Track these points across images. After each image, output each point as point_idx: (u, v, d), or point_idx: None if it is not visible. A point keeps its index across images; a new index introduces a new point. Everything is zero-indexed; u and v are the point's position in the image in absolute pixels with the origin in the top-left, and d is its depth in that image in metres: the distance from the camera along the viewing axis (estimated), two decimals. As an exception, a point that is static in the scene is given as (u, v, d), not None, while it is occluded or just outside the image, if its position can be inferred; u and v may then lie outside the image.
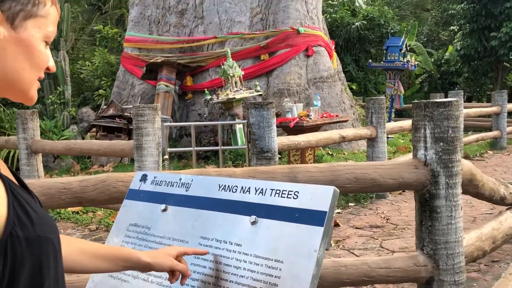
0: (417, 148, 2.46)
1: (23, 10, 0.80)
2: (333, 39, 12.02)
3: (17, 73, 0.81)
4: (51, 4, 0.86)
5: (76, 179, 2.25)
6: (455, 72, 17.40)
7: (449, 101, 2.40)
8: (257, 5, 8.82)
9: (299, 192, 1.26)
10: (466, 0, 15.61)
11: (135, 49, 9.45)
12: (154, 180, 1.61)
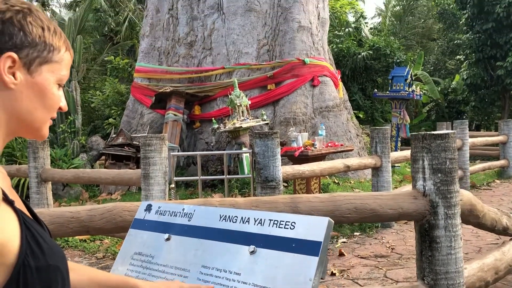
0: (416, 179, 2.52)
1: (39, 57, 0.88)
2: (340, 69, 12.21)
3: (31, 114, 0.89)
4: (65, 49, 0.94)
5: (84, 208, 2.33)
6: (462, 101, 17.47)
7: (446, 133, 2.47)
8: (264, 37, 9.03)
9: (296, 223, 1.31)
10: (472, 30, 15.81)
11: (145, 79, 9.66)
12: (158, 210, 1.68)
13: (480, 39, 15.37)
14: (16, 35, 0.84)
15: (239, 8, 8.93)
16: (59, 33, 0.92)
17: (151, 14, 9.87)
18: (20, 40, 0.85)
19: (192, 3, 9.39)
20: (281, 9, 9.04)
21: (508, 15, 14.22)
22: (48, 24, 0.90)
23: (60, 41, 0.92)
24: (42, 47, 0.88)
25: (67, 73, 0.95)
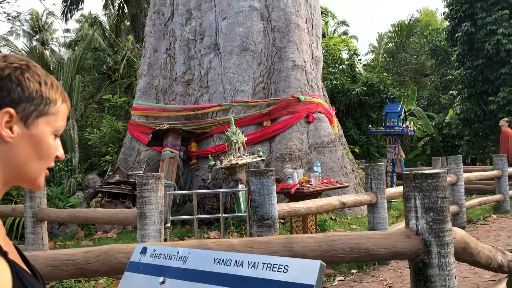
0: (409, 218, 2.55)
1: (36, 110, 0.92)
2: (334, 105, 12.37)
3: (27, 165, 0.92)
4: (62, 101, 0.98)
5: (80, 250, 2.34)
6: (457, 135, 17.64)
7: (437, 172, 2.52)
8: (260, 75, 9.21)
9: (289, 266, 1.34)
10: (463, 66, 16.15)
11: (142, 117, 9.77)
12: (153, 253, 1.70)
13: (471, 74, 15.68)
14: (14, 90, 0.89)
15: (235, 48, 9.15)
16: (56, 86, 0.96)
17: (149, 54, 10.08)
18: (17, 95, 0.89)
19: (189, 43, 9.61)
20: (276, 48, 9.26)
21: (497, 51, 14.57)
22: (45, 79, 0.94)
23: (56, 93, 0.96)
24: (39, 101, 0.92)
25: (64, 124, 0.99)
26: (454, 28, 16.11)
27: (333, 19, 29.00)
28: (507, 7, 14.77)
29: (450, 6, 16.36)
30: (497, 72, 14.89)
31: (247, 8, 9.21)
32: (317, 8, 10.41)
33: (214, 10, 9.50)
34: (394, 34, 22.97)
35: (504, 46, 14.21)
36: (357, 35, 33.31)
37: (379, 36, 29.75)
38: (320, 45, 10.48)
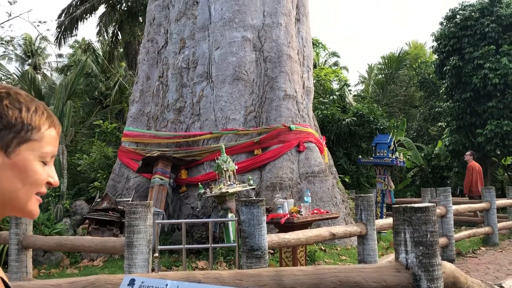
0: (398, 251, 2.55)
1: (16, 137, 0.89)
2: (325, 134, 12.47)
3: (13, 193, 0.89)
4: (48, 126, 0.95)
5: (66, 281, 2.29)
6: (446, 166, 17.79)
7: (426, 206, 2.54)
8: (251, 104, 9.28)
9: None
10: (451, 99, 16.43)
11: (132, 143, 9.74)
12: (142, 285, 1.67)
13: (459, 107, 15.94)
14: None
15: (228, 77, 9.24)
16: (41, 112, 0.93)
17: (141, 81, 10.14)
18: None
19: (182, 71, 9.70)
20: (267, 78, 9.37)
21: (484, 85, 14.87)
22: (28, 105, 0.91)
23: (41, 119, 0.93)
24: (19, 127, 0.88)
25: (52, 149, 0.95)
26: (443, 62, 16.46)
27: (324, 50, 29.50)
28: (493, 43, 15.17)
29: (439, 40, 16.76)
30: (485, 105, 15.16)
31: (240, 38, 9.35)
32: (308, 40, 10.61)
33: (207, 40, 9.63)
34: (384, 66, 23.39)
35: (491, 80, 14.52)
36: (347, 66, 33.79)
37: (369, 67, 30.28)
38: (311, 76, 10.63)
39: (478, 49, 15.21)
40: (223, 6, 9.53)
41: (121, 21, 18.25)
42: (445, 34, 16.31)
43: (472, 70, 15.18)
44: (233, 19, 9.45)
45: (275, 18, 9.63)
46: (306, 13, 10.57)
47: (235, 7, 9.46)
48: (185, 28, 9.82)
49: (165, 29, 10.18)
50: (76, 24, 18.03)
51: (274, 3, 9.68)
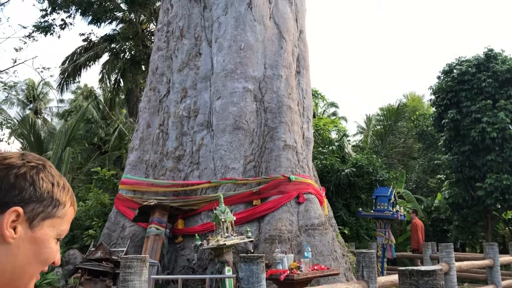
0: (406, 318, 2.42)
1: (44, 212, 0.89)
2: (324, 185, 12.37)
3: (23, 269, 0.87)
4: (70, 205, 0.96)
5: None
6: (446, 219, 17.59)
7: (433, 270, 2.43)
8: (251, 153, 9.25)
9: None
10: (450, 152, 16.47)
11: (129, 191, 9.63)
12: None
13: (458, 160, 15.95)
14: (26, 189, 0.87)
15: (228, 126, 9.27)
16: (67, 189, 0.96)
17: (142, 129, 10.16)
18: (29, 194, 0.87)
19: (182, 120, 9.74)
20: (267, 128, 9.40)
21: (482, 139, 14.95)
22: (58, 180, 0.94)
23: (66, 196, 0.95)
24: (48, 202, 0.90)
25: (67, 228, 0.97)
26: (441, 115, 16.63)
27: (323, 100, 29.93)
28: (489, 97, 15.40)
29: (436, 94, 17.01)
30: (484, 159, 15.18)
31: (241, 89, 9.46)
32: (308, 91, 10.75)
33: (209, 90, 9.74)
34: (382, 117, 23.62)
35: (489, 134, 14.61)
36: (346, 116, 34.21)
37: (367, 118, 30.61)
38: (311, 126, 10.68)
39: (475, 103, 15.41)
40: (225, 58, 9.71)
41: (123, 69, 18.57)
42: (443, 88, 16.58)
43: (470, 123, 15.32)
44: (235, 70, 9.60)
45: (276, 70, 9.79)
46: (306, 66, 10.76)
47: (237, 59, 9.63)
48: (187, 78, 9.96)
49: (167, 79, 10.32)
50: (79, 71, 18.34)
51: (275, 56, 9.87)
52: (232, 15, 9.94)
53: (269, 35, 10.07)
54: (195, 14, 10.36)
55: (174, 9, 10.61)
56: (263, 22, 10.06)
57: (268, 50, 9.96)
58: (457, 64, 16.84)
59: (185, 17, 10.37)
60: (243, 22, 9.87)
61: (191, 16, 10.34)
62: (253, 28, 9.91)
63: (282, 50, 10.05)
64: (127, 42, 17.03)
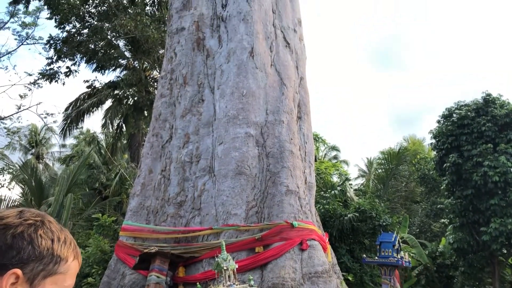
0: None
1: (44, 270, 0.86)
2: (327, 230, 12.22)
3: None
4: (73, 258, 0.92)
5: None
6: (451, 265, 17.25)
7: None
8: (253, 199, 9.20)
9: None
10: (453, 196, 16.37)
11: (130, 238, 9.50)
12: None
13: (461, 204, 15.83)
14: (24, 249, 0.85)
15: (230, 171, 9.26)
16: (69, 242, 0.94)
17: (143, 175, 10.15)
18: (27, 254, 0.85)
19: (184, 166, 9.74)
20: (270, 173, 9.39)
21: (485, 183, 14.90)
22: (59, 235, 0.91)
23: (68, 250, 0.93)
24: (49, 259, 0.88)
25: (72, 283, 0.94)
26: (442, 159, 16.66)
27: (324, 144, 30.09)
28: (490, 141, 15.48)
29: (437, 138, 17.11)
30: (487, 203, 15.06)
31: (243, 134, 9.52)
32: (309, 136, 10.81)
33: (211, 135, 9.81)
34: (383, 161, 23.66)
35: (491, 178, 14.58)
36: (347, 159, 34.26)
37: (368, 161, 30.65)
38: (313, 171, 10.67)
39: (476, 147, 15.47)
40: (227, 104, 9.83)
41: (126, 115, 18.80)
42: (443, 132, 16.69)
43: (472, 167, 15.31)
44: (237, 116, 9.70)
45: (277, 116, 9.89)
46: (307, 112, 10.89)
47: (239, 105, 9.75)
48: (190, 124, 10.05)
49: (170, 125, 10.41)
50: (82, 117, 18.56)
51: (277, 102, 10.01)
52: (235, 63, 10.15)
53: (271, 82, 10.26)
54: (198, 62, 10.58)
55: (177, 58, 10.85)
56: (265, 69, 10.26)
57: (270, 96, 10.12)
58: (456, 108, 17.04)
59: (188, 65, 10.59)
60: (245, 70, 10.08)
61: (194, 64, 10.57)
62: (255, 75, 10.10)
63: (284, 96, 10.21)
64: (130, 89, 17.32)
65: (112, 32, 15.91)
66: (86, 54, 15.86)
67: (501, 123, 15.62)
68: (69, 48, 15.67)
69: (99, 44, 16.45)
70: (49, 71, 15.75)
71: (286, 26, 11.14)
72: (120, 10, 15.27)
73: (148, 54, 16.20)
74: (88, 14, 16.23)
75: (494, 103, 16.11)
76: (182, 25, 11.01)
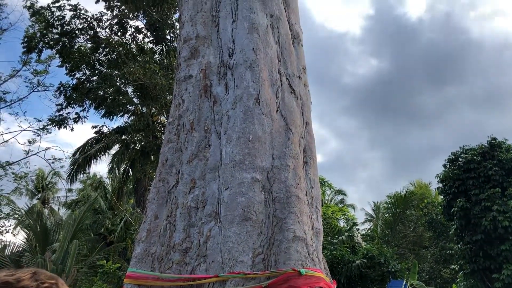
0: None
1: None
2: (334, 277, 11.98)
3: None
4: None
5: None
6: (464, 314, 16.73)
7: None
8: (259, 245, 9.08)
9: None
10: (462, 241, 16.11)
11: (135, 286, 9.34)
12: None
13: (471, 250, 15.55)
14: None
15: (236, 217, 9.20)
16: None
17: (149, 220, 10.09)
18: None
19: (190, 211, 9.69)
20: (276, 219, 9.31)
21: (495, 228, 14.68)
22: None
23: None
24: None
25: None
26: (450, 203, 16.52)
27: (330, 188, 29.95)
28: (498, 185, 15.37)
29: (444, 182, 17.03)
30: (498, 249, 14.79)
31: (249, 179, 9.53)
32: (316, 181, 10.78)
33: (217, 180, 9.82)
34: (390, 205, 23.45)
35: (501, 223, 14.38)
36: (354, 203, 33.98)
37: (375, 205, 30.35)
38: (320, 217, 10.55)
39: (484, 191, 15.36)
40: (234, 149, 9.90)
41: (133, 159, 18.93)
42: (450, 176, 16.63)
43: (480, 212, 15.14)
44: (243, 161, 9.74)
45: (283, 161, 9.92)
46: (313, 156, 10.91)
47: (246, 150, 9.82)
48: (196, 169, 10.09)
49: (176, 170, 10.45)
50: (90, 162, 18.70)
51: (283, 147, 10.07)
52: (241, 109, 10.31)
53: (277, 127, 10.37)
54: (205, 108, 10.75)
55: (185, 104, 11.03)
56: (271, 115, 10.40)
57: (276, 142, 10.20)
58: (462, 152, 17.06)
59: (195, 111, 10.75)
60: (251, 115, 10.21)
61: (201, 110, 10.73)
62: (261, 120, 10.22)
63: (289, 141, 10.28)
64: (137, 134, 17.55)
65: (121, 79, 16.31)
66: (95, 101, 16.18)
67: (508, 167, 15.57)
68: (78, 94, 16.02)
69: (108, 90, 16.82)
70: (58, 117, 16.04)
71: (291, 73, 11.37)
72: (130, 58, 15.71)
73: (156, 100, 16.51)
74: (98, 62, 16.68)
75: (500, 147, 16.12)
76: (190, 73, 11.27)
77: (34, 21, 15.88)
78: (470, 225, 15.66)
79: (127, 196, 20.71)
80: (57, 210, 27.99)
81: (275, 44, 10.77)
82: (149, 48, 17.32)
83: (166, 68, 16.45)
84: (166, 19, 16.89)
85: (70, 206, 21.84)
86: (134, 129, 17.24)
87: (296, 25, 11.50)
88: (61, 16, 15.98)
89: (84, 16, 16.04)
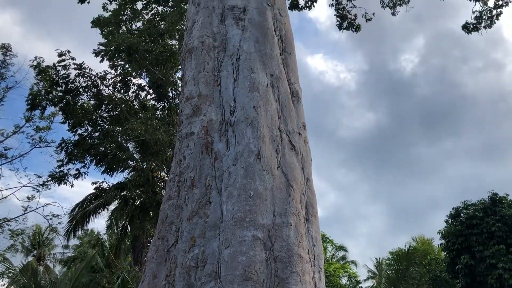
0: None
1: None
2: None
3: None
4: None
5: None
6: None
7: None
8: (261, 306, 8.82)
9: None
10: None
11: None
12: None
13: None
14: None
15: (237, 277, 8.99)
16: None
17: (147, 280, 9.84)
18: None
19: (190, 271, 9.48)
20: (278, 279, 9.09)
21: (501, 286, 14.33)
22: None
23: None
24: None
25: None
26: (453, 260, 16.22)
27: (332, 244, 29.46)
28: (501, 242, 15.16)
29: (446, 238, 16.80)
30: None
31: (250, 237, 9.40)
32: (318, 239, 10.63)
33: (218, 238, 9.67)
34: (393, 262, 22.96)
35: (507, 281, 14.06)
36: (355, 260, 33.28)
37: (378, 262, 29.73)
38: (322, 276, 10.32)
39: (488, 248, 15.13)
40: (234, 206, 9.84)
41: (132, 216, 18.74)
42: (452, 232, 16.43)
43: (486, 269, 14.84)
44: (244, 218, 9.65)
45: (285, 218, 9.84)
46: (314, 213, 10.83)
47: (246, 207, 9.75)
48: (196, 227, 9.96)
49: (176, 227, 10.32)
50: (88, 218, 18.49)
51: (284, 204, 10.02)
52: (242, 165, 10.34)
53: (277, 184, 10.36)
54: (206, 164, 10.79)
55: (186, 161, 11.08)
56: (271, 171, 10.42)
57: (277, 198, 10.15)
58: (463, 208, 16.94)
59: (196, 168, 10.78)
60: (252, 172, 10.23)
61: (202, 166, 10.77)
62: (262, 177, 10.23)
63: (290, 198, 10.23)
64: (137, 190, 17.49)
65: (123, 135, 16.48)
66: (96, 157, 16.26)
67: (511, 223, 15.41)
68: (79, 151, 16.12)
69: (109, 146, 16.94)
70: (58, 173, 16.05)
71: (291, 130, 11.52)
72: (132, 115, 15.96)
73: (157, 155, 16.60)
74: (100, 119, 16.93)
75: (502, 203, 16.04)
76: (192, 130, 11.40)
77: (40, 79, 16.27)
78: (476, 283, 15.29)
79: (125, 253, 20.31)
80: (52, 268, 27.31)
81: (275, 102, 11.02)
82: (151, 105, 17.63)
83: (168, 124, 16.66)
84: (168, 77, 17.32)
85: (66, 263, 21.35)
86: (134, 184, 17.21)
87: (296, 83, 11.81)
88: (66, 75, 16.39)
89: (89, 74, 16.46)
